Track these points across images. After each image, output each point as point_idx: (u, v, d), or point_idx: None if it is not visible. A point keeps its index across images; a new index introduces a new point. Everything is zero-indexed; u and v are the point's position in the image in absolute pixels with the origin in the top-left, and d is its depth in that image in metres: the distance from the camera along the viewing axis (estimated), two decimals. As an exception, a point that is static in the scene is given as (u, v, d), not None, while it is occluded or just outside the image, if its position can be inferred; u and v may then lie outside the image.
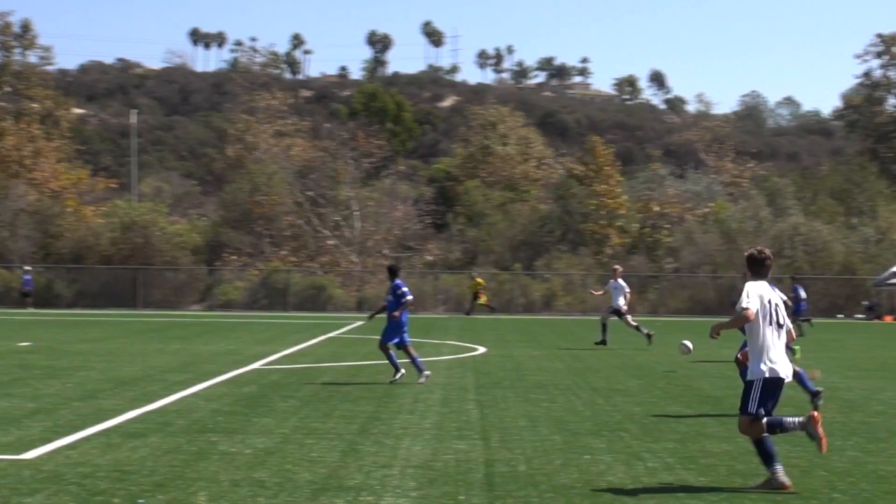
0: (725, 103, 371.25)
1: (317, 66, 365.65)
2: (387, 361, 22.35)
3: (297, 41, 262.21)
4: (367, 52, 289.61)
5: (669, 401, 19.60)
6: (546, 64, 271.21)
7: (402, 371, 22.10)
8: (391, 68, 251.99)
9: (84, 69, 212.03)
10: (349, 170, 77.95)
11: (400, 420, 16.52)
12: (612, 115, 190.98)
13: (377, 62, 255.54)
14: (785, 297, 13.18)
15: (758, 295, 11.96)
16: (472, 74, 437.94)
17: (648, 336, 33.66)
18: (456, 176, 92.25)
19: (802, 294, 43.82)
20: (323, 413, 17.23)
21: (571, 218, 78.09)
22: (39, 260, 71.73)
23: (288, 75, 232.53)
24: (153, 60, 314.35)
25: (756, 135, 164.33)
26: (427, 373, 22.08)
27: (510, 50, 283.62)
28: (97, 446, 13.76)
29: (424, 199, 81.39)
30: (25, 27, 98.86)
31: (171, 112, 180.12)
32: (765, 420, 11.66)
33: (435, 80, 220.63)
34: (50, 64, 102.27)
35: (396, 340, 22.17)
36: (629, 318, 34.55)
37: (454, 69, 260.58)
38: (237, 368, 24.82)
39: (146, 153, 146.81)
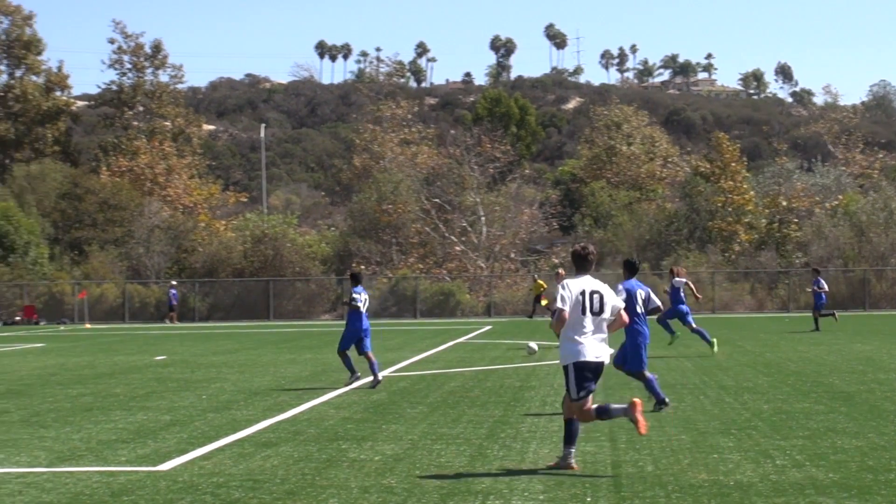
0: (854, 93, 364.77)
1: (441, 73, 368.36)
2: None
3: (422, 49, 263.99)
4: (491, 58, 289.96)
5: (799, 397, 19.40)
6: (670, 62, 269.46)
7: (358, 375, 23.18)
8: (515, 72, 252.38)
9: (213, 86, 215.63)
10: (475, 175, 78.17)
11: (528, 423, 16.57)
12: (737, 110, 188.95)
13: (501, 67, 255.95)
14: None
15: (570, 292, 12.64)
16: (595, 75, 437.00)
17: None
18: (581, 177, 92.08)
19: (825, 286, 42.80)
20: (451, 418, 17.34)
21: (698, 216, 77.47)
22: (174, 275, 73.08)
23: (413, 84, 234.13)
24: (280, 75, 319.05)
25: (886, 124, 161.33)
26: (354, 385, 22.63)
27: (634, 49, 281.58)
28: (231, 456, 14.03)
29: (550, 201, 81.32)
30: (156, 47, 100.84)
31: (299, 125, 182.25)
32: (594, 407, 12.64)
33: (559, 83, 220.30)
34: (180, 82, 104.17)
35: (352, 346, 23.13)
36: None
37: (578, 71, 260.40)
38: (367, 376, 25.06)
39: (275, 166, 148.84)
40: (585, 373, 12.53)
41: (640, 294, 18.17)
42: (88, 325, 64.49)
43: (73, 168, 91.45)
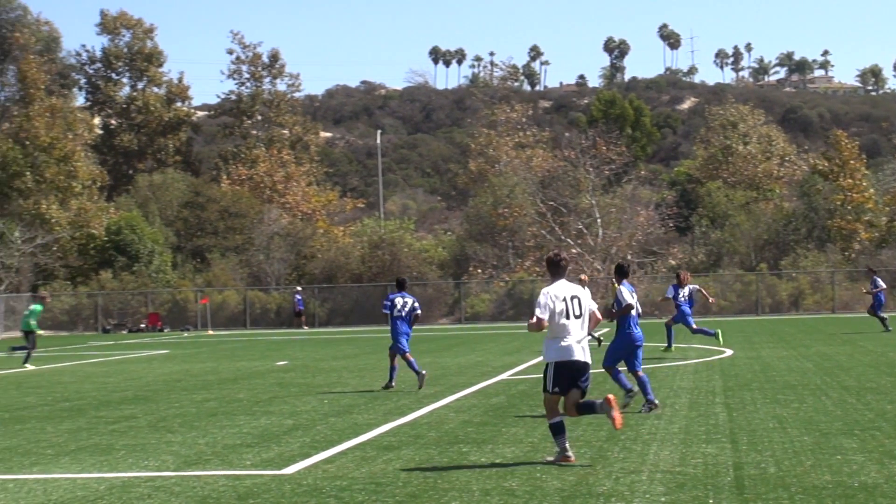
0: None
1: (555, 76, 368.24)
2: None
3: (535, 53, 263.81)
4: (605, 59, 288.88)
5: (924, 398, 19.15)
6: (786, 59, 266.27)
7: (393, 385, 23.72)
8: (629, 73, 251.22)
9: (330, 93, 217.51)
10: (590, 178, 77.90)
11: (647, 425, 16.55)
12: (855, 107, 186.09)
13: (615, 68, 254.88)
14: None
15: (550, 298, 13.47)
16: (710, 75, 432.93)
17: (599, 341, 33.41)
18: (697, 178, 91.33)
19: (882, 285, 41.64)
20: (571, 421, 17.21)
21: (817, 215, 76.40)
22: (293, 281, 73.83)
23: (527, 87, 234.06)
24: (396, 81, 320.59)
25: None
26: (423, 375, 23.33)
27: (748, 47, 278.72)
28: (353, 460, 14.20)
29: (666, 202, 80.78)
30: (274, 57, 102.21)
31: (414, 130, 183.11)
32: (580, 402, 13.54)
33: (673, 83, 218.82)
34: (298, 91, 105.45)
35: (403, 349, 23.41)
36: None
37: (692, 70, 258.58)
38: (485, 380, 25.17)
39: (391, 172, 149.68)
40: (564, 372, 13.43)
41: (635, 297, 18.75)
42: (211, 332, 65.42)
43: (195, 177, 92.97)
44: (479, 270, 74.08)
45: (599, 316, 14.14)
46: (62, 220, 76.00)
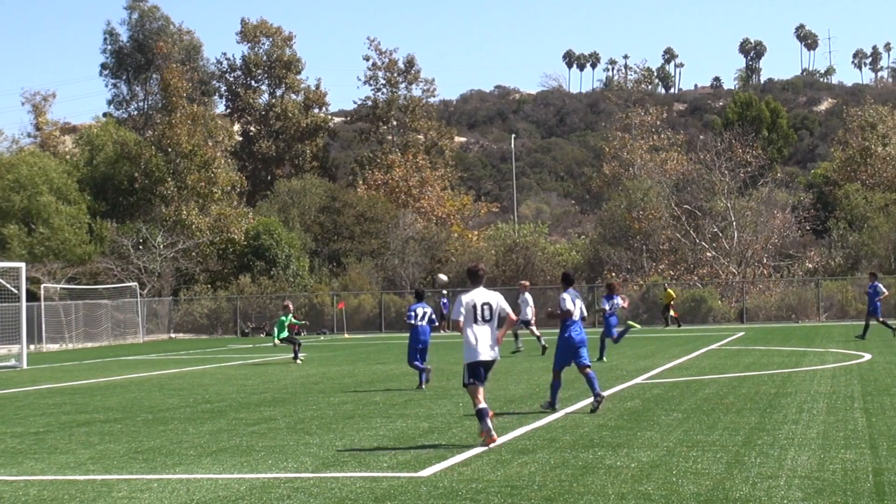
0: None
1: (689, 78, 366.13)
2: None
3: (669, 55, 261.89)
4: (740, 61, 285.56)
5: None
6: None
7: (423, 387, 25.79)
8: (765, 75, 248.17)
9: (464, 98, 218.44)
10: (725, 181, 77.22)
11: (784, 430, 16.40)
12: None
13: (750, 70, 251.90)
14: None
15: (464, 303, 15.91)
16: (848, 75, 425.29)
17: (544, 348, 36.01)
18: (835, 180, 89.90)
19: (882, 290, 41.70)
20: (707, 425, 17.29)
21: (960, 216, 74.81)
22: (427, 285, 74.23)
23: (661, 90, 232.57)
24: (529, 85, 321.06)
25: None
26: (423, 388, 25.65)
27: (887, 47, 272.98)
28: (488, 463, 14.27)
29: (803, 205, 79.74)
30: (409, 63, 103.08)
31: (548, 134, 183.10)
32: (481, 406, 15.69)
33: (810, 84, 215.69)
34: (432, 96, 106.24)
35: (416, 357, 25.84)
36: (534, 328, 38.68)
37: (829, 71, 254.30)
38: (620, 383, 25.10)
39: (525, 176, 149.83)
40: (477, 368, 15.84)
41: (578, 303, 20.04)
42: (347, 335, 66.07)
43: (331, 182, 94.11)
44: (613, 274, 73.78)
45: (514, 318, 16.42)
46: (202, 226, 77.51)
